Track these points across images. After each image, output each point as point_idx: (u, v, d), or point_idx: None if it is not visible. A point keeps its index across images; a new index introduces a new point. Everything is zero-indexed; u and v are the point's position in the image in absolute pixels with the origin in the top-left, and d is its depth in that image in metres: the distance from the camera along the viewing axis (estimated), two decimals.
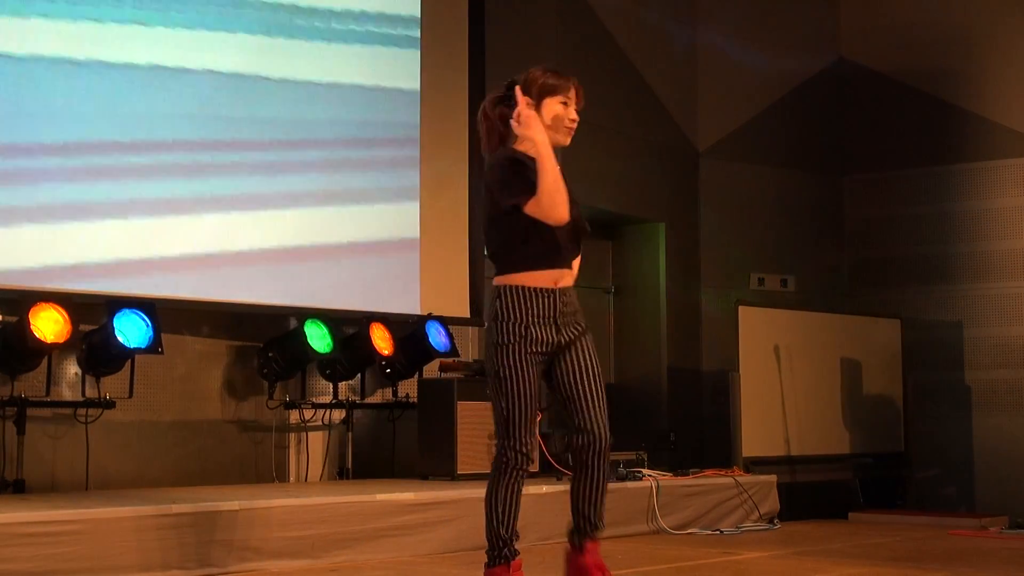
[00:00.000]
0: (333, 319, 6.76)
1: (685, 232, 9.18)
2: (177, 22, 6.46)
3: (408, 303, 7.29)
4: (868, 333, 8.62)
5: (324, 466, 6.93)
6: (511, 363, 3.76)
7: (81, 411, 5.96)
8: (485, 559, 3.84)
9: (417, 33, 7.58)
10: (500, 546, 3.80)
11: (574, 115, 3.88)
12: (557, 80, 3.87)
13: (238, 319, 6.73)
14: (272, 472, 6.72)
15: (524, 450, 3.80)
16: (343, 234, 7.05)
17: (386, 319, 6.99)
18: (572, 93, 3.87)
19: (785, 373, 7.95)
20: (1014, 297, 8.90)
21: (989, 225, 9.05)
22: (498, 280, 3.82)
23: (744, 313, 7.85)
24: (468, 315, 7.65)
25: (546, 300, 3.78)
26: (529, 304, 3.76)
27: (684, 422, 8.63)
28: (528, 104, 3.79)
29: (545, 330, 3.78)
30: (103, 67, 6.17)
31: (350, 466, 6.91)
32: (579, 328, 3.85)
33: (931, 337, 9.06)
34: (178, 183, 6.40)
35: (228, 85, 6.64)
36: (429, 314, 7.22)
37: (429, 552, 5.41)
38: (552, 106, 3.85)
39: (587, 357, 3.85)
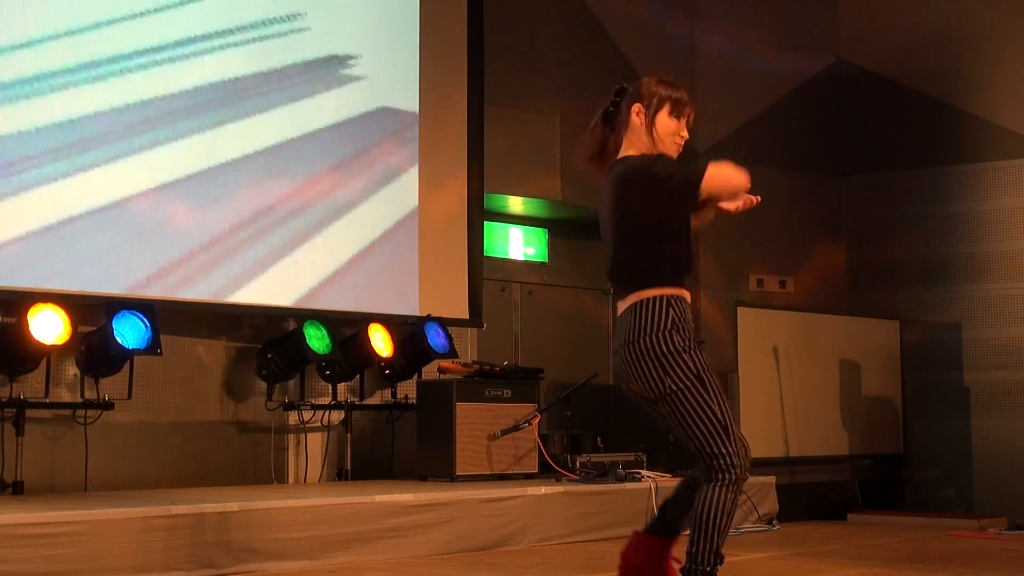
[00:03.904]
0: (332, 320, 6.76)
1: None
2: (179, 25, 6.47)
3: (407, 304, 7.29)
4: (867, 334, 8.62)
5: (323, 467, 6.93)
6: (705, 364, 3.53)
7: (80, 412, 5.95)
8: None
9: (416, 34, 7.58)
10: (713, 561, 3.51)
11: (686, 132, 3.76)
12: (676, 95, 3.74)
13: (237, 320, 6.73)
14: (271, 473, 6.72)
15: (745, 453, 3.55)
16: (342, 235, 7.05)
17: (385, 320, 6.99)
18: (688, 109, 3.75)
19: (784, 374, 7.95)
20: (1013, 298, 8.90)
21: (988, 226, 9.05)
22: (652, 292, 3.59)
23: (743, 314, 7.86)
24: (467, 316, 7.65)
25: (688, 313, 3.64)
26: (686, 315, 3.61)
27: None
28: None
29: (693, 338, 3.62)
30: (102, 67, 6.17)
31: (349, 467, 6.90)
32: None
33: (930, 338, 9.06)
34: (176, 185, 6.39)
35: (228, 86, 6.64)
36: (428, 315, 7.22)
37: (428, 553, 5.41)
38: (667, 120, 3.73)
39: None
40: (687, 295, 3.64)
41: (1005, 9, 9.14)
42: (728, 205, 3.63)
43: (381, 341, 6.90)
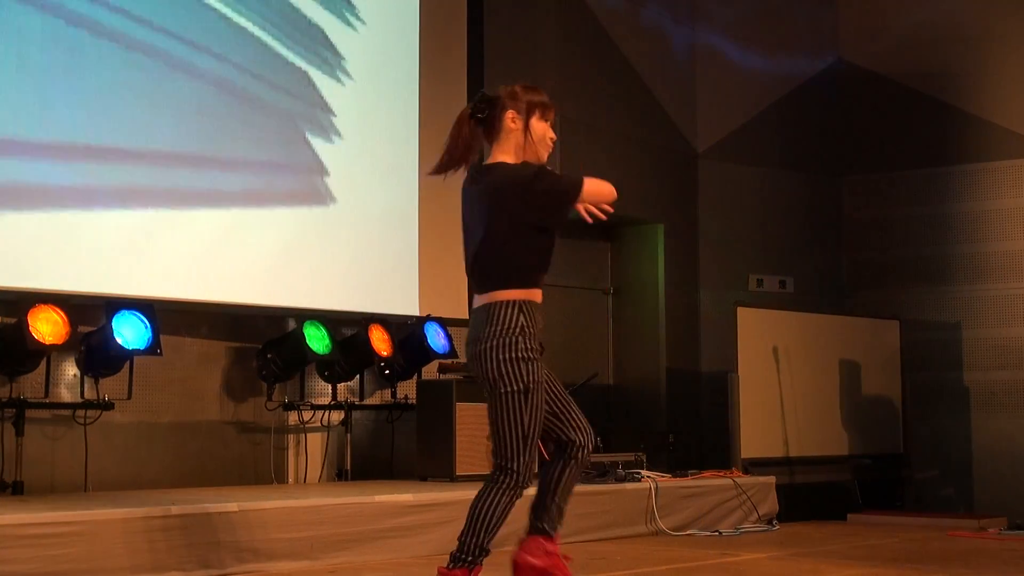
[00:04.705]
0: (332, 320, 6.76)
1: (684, 233, 9.19)
2: (174, 24, 6.46)
3: (407, 304, 7.29)
4: (867, 334, 8.63)
5: (323, 467, 6.93)
6: (538, 379, 3.82)
7: (80, 412, 5.96)
8: (447, 562, 3.83)
9: (416, 35, 7.58)
10: (476, 553, 3.81)
11: (553, 133, 4.04)
12: (544, 100, 4.00)
13: (237, 320, 6.73)
14: (271, 473, 6.72)
15: (533, 469, 3.84)
16: (342, 235, 7.05)
17: (385, 320, 6.99)
18: (552, 112, 4.02)
19: (784, 374, 7.95)
20: (1012, 298, 8.90)
21: (987, 226, 9.06)
22: (506, 295, 3.88)
23: (743, 314, 7.86)
24: (467, 317, 7.62)
25: (537, 316, 3.89)
26: (534, 320, 3.86)
27: (683, 423, 8.63)
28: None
29: (537, 344, 3.89)
30: (102, 67, 6.17)
31: (349, 467, 6.91)
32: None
33: (930, 338, 9.07)
34: (176, 185, 6.39)
35: (227, 85, 6.63)
36: (428, 315, 7.22)
37: (427, 553, 5.41)
38: (538, 123, 3.98)
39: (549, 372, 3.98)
40: (539, 297, 3.93)
41: (1005, 9, 9.14)
42: (584, 214, 4.01)
43: (381, 341, 6.90)
